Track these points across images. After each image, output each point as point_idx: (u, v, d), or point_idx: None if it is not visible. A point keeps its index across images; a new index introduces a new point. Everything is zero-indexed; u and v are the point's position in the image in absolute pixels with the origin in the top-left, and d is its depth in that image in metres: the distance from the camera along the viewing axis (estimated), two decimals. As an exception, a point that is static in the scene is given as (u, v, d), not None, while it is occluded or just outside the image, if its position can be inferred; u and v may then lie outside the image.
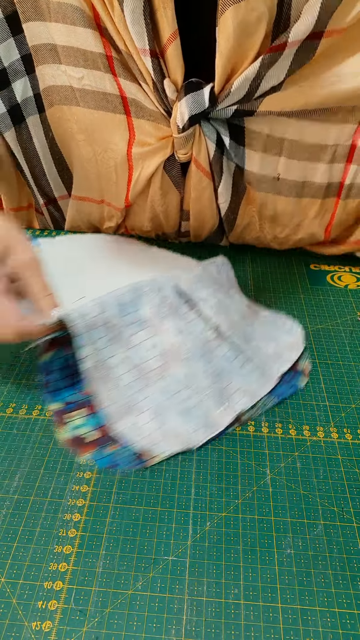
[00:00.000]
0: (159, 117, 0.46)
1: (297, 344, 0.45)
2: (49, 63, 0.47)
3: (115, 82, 0.45)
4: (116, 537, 0.32)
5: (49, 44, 0.45)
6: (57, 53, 0.45)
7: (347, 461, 0.37)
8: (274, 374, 0.41)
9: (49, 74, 0.47)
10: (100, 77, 0.45)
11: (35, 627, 0.28)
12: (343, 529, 0.33)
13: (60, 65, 0.46)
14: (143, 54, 0.41)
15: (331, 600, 0.29)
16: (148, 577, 0.30)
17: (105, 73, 0.45)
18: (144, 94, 0.45)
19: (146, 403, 0.38)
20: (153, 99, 0.44)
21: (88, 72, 0.45)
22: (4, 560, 0.31)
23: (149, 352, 0.39)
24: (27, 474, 0.35)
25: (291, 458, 0.37)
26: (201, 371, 0.40)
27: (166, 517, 0.33)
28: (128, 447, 0.37)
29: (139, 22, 0.39)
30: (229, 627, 0.28)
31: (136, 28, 0.39)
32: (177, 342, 0.40)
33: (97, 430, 0.38)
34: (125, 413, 0.38)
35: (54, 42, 0.45)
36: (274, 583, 0.30)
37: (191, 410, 0.38)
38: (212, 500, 0.34)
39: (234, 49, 0.38)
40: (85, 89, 0.46)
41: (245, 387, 0.40)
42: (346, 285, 0.54)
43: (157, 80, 0.42)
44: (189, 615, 0.29)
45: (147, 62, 0.41)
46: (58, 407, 0.40)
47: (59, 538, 0.32)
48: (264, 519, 0.33)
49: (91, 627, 0.28)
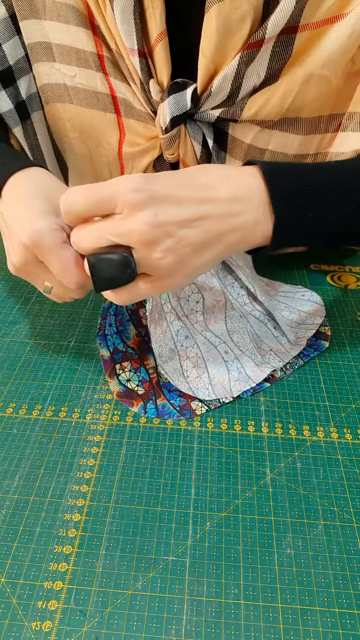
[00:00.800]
0: (146, 118, 0.46)
1: (319, 311, 0.48)
2: (43, 61, 0.47)
3: (106, 81, 0.45)
4: (116, 537, 0.32)
5: (44, 42, 0.45)
6: (52, 51, 0.45)
7: (347, 461, 0.37)
8: (301, 338, 0.45)
9: (44, 72, 0.47)
10: (92, 76, 0.45)
11: (35, 627, 0.28)
12: (343, 529, 0.33)
13: (54, 63, 0.46)
14: (132, 53, 0.41)
15: (331, 600, 0.29)
16: (148, 577, 0.30)
17: (97, 72, 0.45)
18: (133, 93, 0.45)
19: (191, 351, 0.43)
20: (141, 99, 0.45)
21: (80, 70, 0.45)
22: (4, 560, 0.31)
23: (195, 306, 0.44)
24: (27, 474, 0.35)
25: (291, 458, 0.37)
26: (239, 330, 0.45)
27: (166, 517, 0.33)
28: (174, 397, 0.41)
29: (129, 21, 0.39)
30: (229, 627, 0.28)
31: (125, 27, 0.39)
32: (218, 300, 0.45)
33: (144, 385, 0.42)
34: (172, 357, 0.42)
35: (49, 40, 0.45)
36: (274, 583, 0.30)
37: (229, 363, 0.43)
38: (212, 500, 0.34)
39: (216, 48, 0.38)
40: (78, 87, 0.46)
41: (277, 348, 0.45)
42: (346, 285, 0.54)
43: (144, 80, 0.42)
44: (189, 615, 0.29)
45: (135, 61, 0.41)
46: (107, 354, 0.43)
47: (59, 538, 0.32)
48: (264, 519, 0.33)
49: (91, 627, 0.28)
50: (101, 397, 0.41)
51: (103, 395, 0.41)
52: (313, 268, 0.57)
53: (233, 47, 0.38)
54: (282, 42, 0.38)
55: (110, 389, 0.42)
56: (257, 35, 0.37)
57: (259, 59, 0.38)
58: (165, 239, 0.31)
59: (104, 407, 0.40)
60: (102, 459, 0.36)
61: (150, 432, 0.38)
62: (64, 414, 0.40)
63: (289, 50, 0.38)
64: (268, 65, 0.39)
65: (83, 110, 0.48)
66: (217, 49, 0.38)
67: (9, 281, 0.53)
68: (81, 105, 0.47)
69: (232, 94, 0.40)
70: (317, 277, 0.55)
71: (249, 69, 0.39)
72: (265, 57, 0.38)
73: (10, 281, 0.53)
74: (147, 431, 0.38)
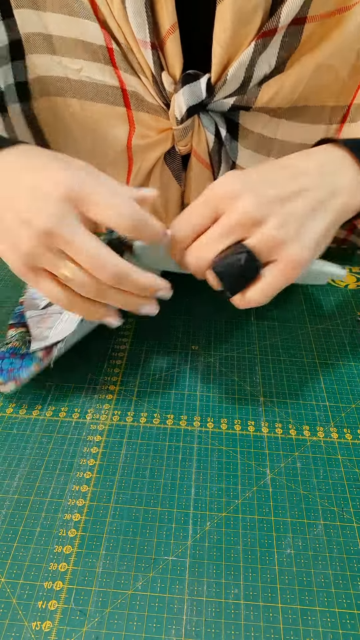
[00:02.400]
0: (158, 110, 0.46)
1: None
2: (40, 53, 0.46)
3: (115, 75, 0.45)
4: (116, 537, 0.32)
5: (42, 34, 0.44)
6: (52, 43, 0.45)
7: (347, 461, 0.37)
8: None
9: (41, 64, 0.46)
10: (100, 69, 0.45)
11: (35, 627, 0.28)
12: (343, 529, 0.33)
13: (54, 55, 0.45)
14: (143, 46, 0.41)
15: (331, 600, 0.29)
16: (148, 577, 0.30)
17: (106, 65, 0.44)
18: (144, 86, 0.45)
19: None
20: (152, 92, 0.44)
21: (88, 63, 0.45)
22: (4, 560, 0.31)
23: None
24: (27, 474, 0.35)
25: (291, 458, 0.37)
26: None
27: (166, 517, 0.33)
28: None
29: (141, 13, 0.39)
30: (229, 627, 0.28)
31: (137, 19, 0.39)
32: None
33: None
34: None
35: (49, 32, 0.44)
36: (274, 583, 0.30)
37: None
38: (212, 500, 0.34)
39: (231, 38, 0.39)
40: (84, 80, 0.46)
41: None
42: (346, 285, 0.54)
43: (156, 73, 0.42)
44: (189, 615, 0.29)
45: (147, 54, 0.41)
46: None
47: (59, 538, 0.32)
48: (264, 519, 0.33)
49: (91, 627, 0.28)
50: (101, 397, 0.41)
51: (103, 396, 0.41)
52: (313, 268, 0.57)
53: (246, 36, 0.39)
54: (291, 32, 0.39)
55: (109, 388, 0.42)
56: (271, 24, 0.38)
57: (271, 47, 0.39)
58: (272, 218, 0.31)
59: (104, 407, 0.40)
60: (102, 459, 0.37)
61: (150, 432, 0.38)
62: (64, 414, 0.40)
63: (297, 41, 0.39)
64: (277, 55, 0.40)
65: (89, 104, 0.47)
66: (231, 39, 0.39)
67: (8, 281, 0.53)
68: (87, 99, 0.47)
69: (245, 82, 0.41)
70: (317, 277, 0.55)
71: (261, 57, 0.39)
72: (276, 47, 0.39)
73: (10, 281, 0.53)
74: (147, 431, 0.38)
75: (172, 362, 0.44)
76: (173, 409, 0.40)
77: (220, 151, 0.48)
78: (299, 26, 0.38)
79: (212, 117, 0.45)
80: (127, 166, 0.51)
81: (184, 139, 0.46)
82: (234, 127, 0.46)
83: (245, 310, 0.50)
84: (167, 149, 0.48)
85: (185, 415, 0.40)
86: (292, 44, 0.39)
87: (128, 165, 0.51)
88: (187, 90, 0.42)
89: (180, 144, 0.47)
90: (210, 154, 0.48)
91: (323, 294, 0.52)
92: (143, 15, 0.39)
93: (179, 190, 0.53)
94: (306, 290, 0.53)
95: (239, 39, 0.39)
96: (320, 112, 0.45)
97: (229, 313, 0.49)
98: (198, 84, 0.42)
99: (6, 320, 0.49)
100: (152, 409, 0.40)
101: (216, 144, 0.47)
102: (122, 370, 0.44)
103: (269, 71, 0.41)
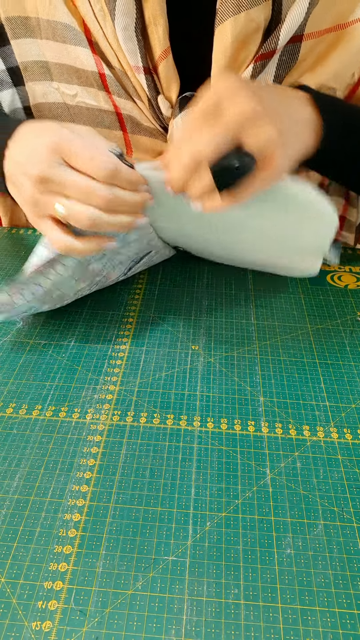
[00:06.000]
0: (155, 133, 0.46)
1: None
2: (39, 80, 0.46)
3: (109, 99, 0.45)
4: (116, 537, 0.32)
5: (40, 61, 0.45)
6: (49, 70, 0.45)
7: (347, 461, 0.37)
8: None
9: (40, 91, 0.47)
10: (95, 94, 0.45)
11: (35, 627, 0.28)
12: (343, 529, 0.33)
13: (52, 82, 0.45)
14: (137, 71, 0.40)
15: (331, 600, 0.29)
16: (148, 577, 0.30)
17: (99, 90, 0.44)
18: (140, 110, 0.44)
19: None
20: (149, 116, 0.44)
21: (82, 89, 0.45)
22: (4, 560, 0.31)
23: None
24: (27, 474, 0.35)
25: (291, 458, 0.37)
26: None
27: (166, 517, 0.33)
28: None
29: (132, 39, 0.38)
30: (229, 627, 0.28)
31: (129, 45, 0.39)
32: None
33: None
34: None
35: (46, 59, 0.44)
36: (274, 583, 0.30)
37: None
38: (212, 500, 0.34)
39: (231, 60, 0.38)
40: (80, 106, 0.46)
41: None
42: (346, 285, 0.54)
43: (151, 96, 0.42)
44: (189, 615, 0.29)
45: (142, 79, 0.41)
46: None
47: (59, 538, 0.32)
48: (264, 519, 0.33)
49: (91, 627, 0.28)
50: (101, 397, 0.41)
51: (103, 395, 0.41)
52: (313, 268, 0.57)
53: (245, 58, 0.39)
54: (289, 50, 0.38)
55: (109, 388, 0.42)
56: (269, 45, 0.37)
57: (269, 68, 0.39)
58: (270, 125, 0.33)
59: (104, 407, 0.40)
60: (102, 459, 0.37)
61: (150, 432, 0.38)
62: (64, 414, 0.40)
63: (294, 59, 0.39)
64: (275, 74, 0.40)
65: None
66: (231, 61, 0.38)
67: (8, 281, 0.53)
68: (84, 124, 0.47)
69: None
70: (317, 277, 0.55)
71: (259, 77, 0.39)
72: (274, 66, 0.39)
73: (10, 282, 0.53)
74: (147, 431, 0.38)
75: (172, 362, 0.44)
76: (173, 409, 0.40)
77: None
78: (295, 44, 0.38)
79: None
80: None
81: None
82: None
83: (245, 310, 0.50)
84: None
85: (185, 415, 0.40)
86: (289, 62, 0.39)
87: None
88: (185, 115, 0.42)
89: None
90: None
91: (323, 294, 0.52)
92: (134, 40, 0.39)
93: None
94: (306, 290, 0.53)
95: (239, 61, 0.39)
96: None
97: (229, 313, 0.49)
98: None
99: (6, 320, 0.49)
100: (152, 409, 0.40)
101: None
102: (122, 370, 0.44)
103: None
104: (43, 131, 0.36)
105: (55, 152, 0.34)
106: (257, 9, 0.35)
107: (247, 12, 0.35)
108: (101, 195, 0.34)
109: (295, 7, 0.36)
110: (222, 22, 0.36)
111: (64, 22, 0.41)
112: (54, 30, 0.42)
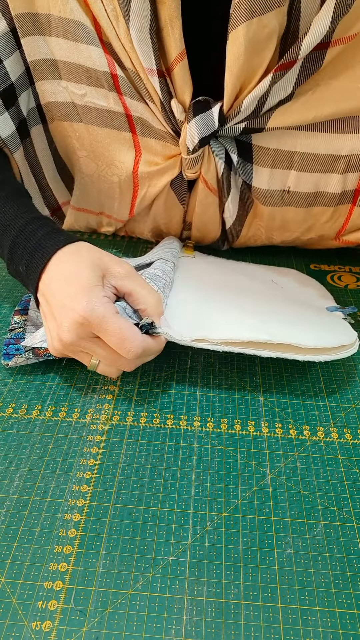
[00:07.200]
0: (166, 137, 0.45)
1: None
2: (48, 79, 0.45)
3: (119, 100, 0.44)
4: (116, 537, 0.32)
5: (49, 60, 0.44)
6: (58, 68, 0.44)
7: (347, 461, 0.37)
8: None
9: (49, 90, 0.46)
10: (104, 95, 0.44)
11: (35, 627, 0.28)
12: (343, 529, 0.33)
13: (60, 81, 0.45)
14: (150, 74, 0.40)
15: (331, 600, 0.29)
16: (148, 577, 0.30)
17: (110, 91, 0.44)
18: (151, 113, 0.44)
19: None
20: (160, 119, 0.43)
21: (91, 89, 0.44)
22: (4, 560, 0.31)
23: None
24: (27, 474, 0.35)
25: (291, 458, 0.37)
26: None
27: (166, 517, 0.33)
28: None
29: (146, 41, 0.38)
30: (229, 627, 0.28)
31: (143, 47, 0.38)
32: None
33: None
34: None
35: (54, 57, 0.44)
36: (274, 583, 0.30)
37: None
38: (212, 500, 0.34)
39: (244, 66, 0.37)
40: (88, 105, 0.45)
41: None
42: (346, 285, 0.54)
43: (164, 100, 0.41)
44: (189, 615, 0.29)
45: (155, 82, 0.40)
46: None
47: (59, 538, 0.32)
48: (264, 519, 0.33)
49: (91, 627, 0.28)
50: (101, 397, 0.41)
51: (103, 395, 0.41)
52: (313, 268, 0.57)
53: (260, 64, 0.37)
54: (312, 58, 0.37)
55: (108, 388, 0.42)
56: (290, 55, 0.36)
57: (289, 75, 0.38)
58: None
59: (104, 407, 0.40)
60: (102, 459, 0.37)
61: (150, 432, 0.38)
62: (64, 414, 0.40)
63: (317, 66, 0.38)
64: (296, 82, 0.38)
65: (94, 129, 0.47)
66: (245, 67, 0.37)
67: (8, 282, 0.53)
68: (92, 124, 0.47)
69: (257, 109, 0.40)
70: (317, 277, 0.55)
71: (278, 85, 0.38)
72: (294, 74, 0.38)
73: (10, 282, 0.53)
74: (147, 431, 0.38)
75: (172, 362, 0.44)
76: (173, 409, 0.40)
77: (230, 176, 0.47)
78: (321, 51, 0.37)
79: (222, 144, 0.44)
80: (132, 192, 0.50)
81: (193, 167, 0.45)
82: (247, 149, 0.44)
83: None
84: (175, 175, 0.47)
85: (185, 415, 0.40)
86: (312, 69, 0.38)
87: (133, 191, 0.50)
88: (200, 120, 0.41)
89: (189, 171, 0.46)
90: (219, 180, 0.47)
91: (323, 294, 0.52)
92: (149, 43, 0.38)
93: (182, 211, 0.52)
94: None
95: (252, 68, 0.38)
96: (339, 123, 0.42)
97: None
98: (210, 114, 0.41)
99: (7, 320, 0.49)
100: (152, 409, 0.40)
101: (226, 170, 0.46)
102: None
103: (284, 97, 0.39)
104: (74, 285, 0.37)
105: (84, 326, 0.35)
106: (269, 15, 0.35)
107: (260, 18, 0.35)
108: (129, 365, 0.38)
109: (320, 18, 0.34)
110: (235, 28, 0.35)
111: (77, 19, 0.40)
112: (65, 28, 0.41)
